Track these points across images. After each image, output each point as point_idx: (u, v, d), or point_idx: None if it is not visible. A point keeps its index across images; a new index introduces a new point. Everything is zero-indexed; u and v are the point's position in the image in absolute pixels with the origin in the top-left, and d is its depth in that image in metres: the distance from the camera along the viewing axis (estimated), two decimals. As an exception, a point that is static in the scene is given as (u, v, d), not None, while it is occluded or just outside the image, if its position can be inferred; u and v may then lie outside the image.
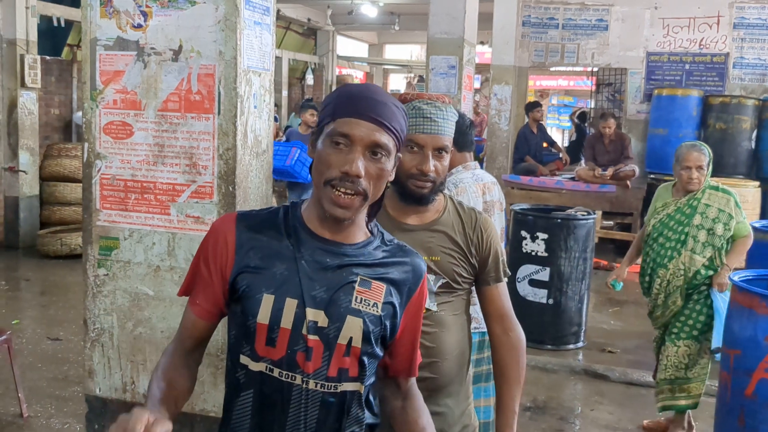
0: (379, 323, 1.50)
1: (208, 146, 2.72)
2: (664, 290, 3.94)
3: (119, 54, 2.78)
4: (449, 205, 2.04)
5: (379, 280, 1.51)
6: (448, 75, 6.70)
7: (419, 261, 1.60)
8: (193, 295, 1.57)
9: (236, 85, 2.67)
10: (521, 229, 5.45)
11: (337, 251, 1.49)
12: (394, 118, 1.47)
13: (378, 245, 1.55)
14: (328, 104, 1.50)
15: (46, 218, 8.47)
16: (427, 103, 1.95)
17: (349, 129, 1.43)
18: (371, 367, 1.53)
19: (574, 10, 9.97)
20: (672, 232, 3.91)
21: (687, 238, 3.85)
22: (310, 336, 1.44)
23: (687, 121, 9.03)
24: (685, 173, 3.87)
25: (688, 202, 3.91)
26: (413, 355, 1.63)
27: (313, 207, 1.52)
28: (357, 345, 1.47)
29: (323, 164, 1.45)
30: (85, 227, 2.91)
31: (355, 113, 1.44)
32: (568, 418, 4.43)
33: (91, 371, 2.96)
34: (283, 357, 1.45)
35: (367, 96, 1.47)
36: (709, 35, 9.49)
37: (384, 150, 1.45)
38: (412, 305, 1.57)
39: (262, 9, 2.83)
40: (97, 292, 2.91)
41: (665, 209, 3.98)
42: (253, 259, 1.48)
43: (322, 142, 1.47)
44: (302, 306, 1.44)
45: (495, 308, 2.05)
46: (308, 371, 1.44)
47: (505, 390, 2.04)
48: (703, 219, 3.84)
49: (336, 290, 1.46)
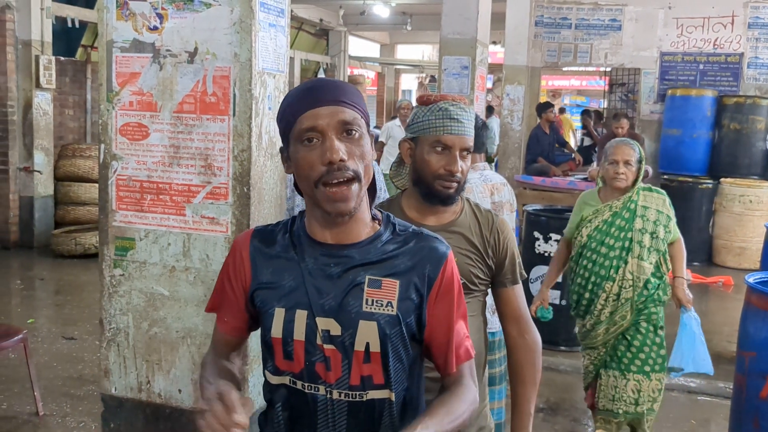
0: (398, 323, 1.41)
1: (223, 147, 2.73)
2: (611, 305, 3.46)
3: (135, 56, 2.79)
4: (466, 206, 2.06)
5: (391, 276, 1.42)
6: (461, 75, 6.70)
7: (437, 244, 1.48)
8: (220, 312, 1.58)
9: (251, 86, 2.69)
10: (534, 230, 5.44)
11: (340, 254, 1.44)
12: (351, 94, 1.41)
13: (388, 237, 1.47)
14: (282, 112, 1.45)
15: (61, 218, 8.53)
16: (452, 105, 1.96)
17: (312, 120, 1.37)
18: (400, 373, 1.44)
19: (587, 10, 9.94)
20: (614, 239, 3.45)
21: (632, 245, 3.41)
22: (326, 345, 1.41)
23: (701, 122, 8.99)
24: (612, 168, 3.45)
25: (624, 205, 3.47)
26: (448, 348, 1.48)
27: (310, 214, 1.47)
28: (376, 350, 1.40)
29: (304, 167, 1.39)
30: (101, 228, 2.93)
31: (311, 104, 1.38)
32: (581, 419, 4.42)
33: (107, 371, 2.98)
34: (303, 369, 1.43)
35: (315, 85, 1.42)
36: (723, 35, 9.44)
37: (355, 125, 1.39)
38: (436, 294, 1.45)
39: (277, 11, 2.84)
40: (113, 292, 2.93)
41: (598, 216, 3.50)
42: (265, 275, 1.48)
43: (293, 148, 1.41)
44: (312, 316, 1.41)
45: (511, 310, 2.06)
46: (330, 381, 1.41)
47: (520, 392, 2.04)
48: (645, 222, 3.43)
49: (344, 295, 1.41)
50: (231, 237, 2.75)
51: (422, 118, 1.98)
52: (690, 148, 9.02)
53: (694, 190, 8.66)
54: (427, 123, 1.96)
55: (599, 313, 3.49)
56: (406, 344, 1.43)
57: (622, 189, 3.49)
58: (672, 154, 9.05)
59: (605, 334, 3.50)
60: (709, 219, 8.64)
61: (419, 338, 1.46)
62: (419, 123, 1.99)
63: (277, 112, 1.48)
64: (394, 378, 1.43)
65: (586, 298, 3.53)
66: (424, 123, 1.97)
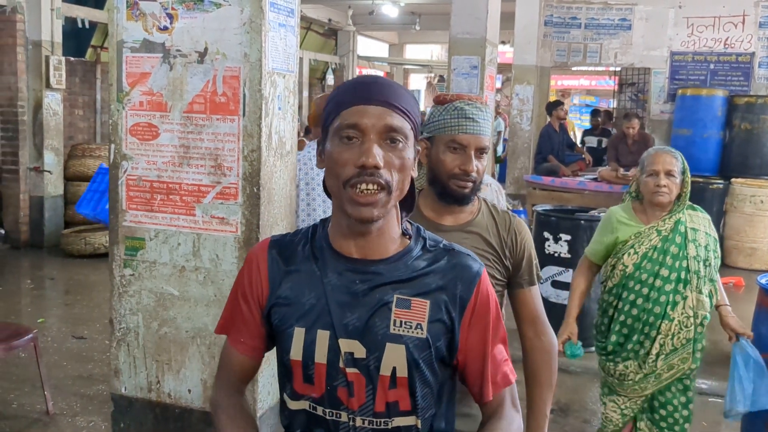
0: (427, 346, 1.31)
1: (233, 148, 2.73)
2: (669, 349, 2.90)
3: (145, 56, 2.80)
4: (483, 207, 2.05)
5: (421, 296, 1.32)
6: (470, 75, 6.69)
7: (470, 262, 1.38)
8: (234, 332, 1.45)
9: (261, 86, 2.68)
10: (544, 230, 5.42)
11: (367, 270, 1.33)
12: (405, 99, 1.31)
13: (418, 253, 1.36)
14: (330, 101, 1.35)
15: (71, 218, 8.56)
16: (468, 104, 1.96)
17: (357, 118, 1.27)
18: (427, 398, 1.34)
19: (597, 10, 9.90)
20: (668, 270, 2.87)
21: (689, 275, 2.87)
22: (349, 369, 1.30)
23: (711, 122, 8.94)
24: (651, 180, 2.91)
25: (675, 228, 2.91)
26: (483, 376, 1.38)
27: (335, 222, 1.36)
28: (403, 375, 1.30)
29: (336, 165, 1.28)
30: (112, 227, 2.93)
31: (361, 99, 1.28)
32: (592, 420, 4.40)
33: (117, 370, 2.98)
34: (324, 394, 1.32)
35: (372, 81, 1.32)
36: (734, 34, 9.38)
37: (401, 134, 1.28)
38: (470, 316, 1.35)
39: (287, 11, 2.83)
40: (123, 291, 2.93)
41: (643, 240, 2.92)
42: (284, 290, 1.36)
43: (330, 142, 1.30)
44: (334, 337, 1.30)
45: (528, 311, 2.05)
46: (353, 407, 1.31)
47: (536, 393, 2.04)
48: (697, 248, 2.90)
49: (370, 315, 1.30)
50: (241, 237, 2.75)
51: (438, 117, 1.97)
52: (700, 148, 8.97)
53: (705, 191, 8.61)
54: (442, 122, 1.96)
55: (654, 360, 2.91)
56: (435, 369, 1.34)
57: (664, 205, 2.94)
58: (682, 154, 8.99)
59: (656, 382, 2.96)
60: (720, 219, 8.59)
61: (449, 362, 1.36)
62: (435, 122, 1.98)
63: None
64: (422, 404, 1.33)
65: (635, 341, 2.93)
66: (440, 122, 1.96)
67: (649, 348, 2.89)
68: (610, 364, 3.02)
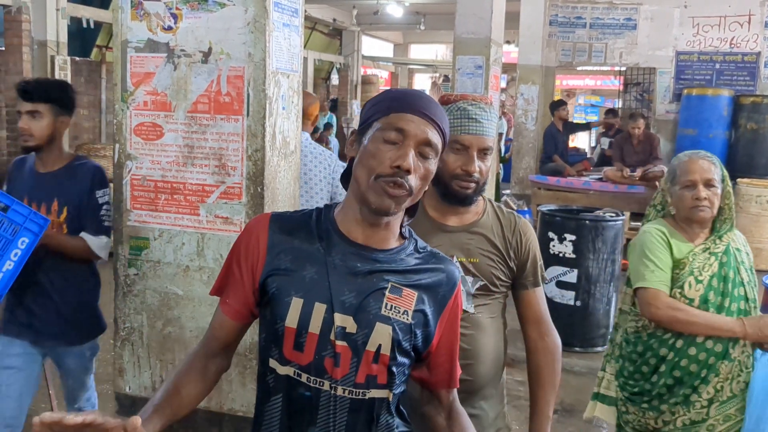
0: (409, 331, 1.47)
1: (237, 147, 2.73)
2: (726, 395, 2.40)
3: (150, 56, 2.80)
4: (488, 207, 2.04)
5: (411, 287, 1.47)
6: (475, 75, 6.68)
7: (453, 268, 1.56)
8: (224, 294, 1.56)
9: (265, 86, 2.68)
10: (549, 230, 5.41)
11: (368, 256, 1.46)
12: (442, 117, 1.47)
13: (411, 252, 1.52)
14: (379, 101, 1.48)
15: (76, 217, 8.57)
16: (471, 104, 1.95)
17: (404, 124, 1.42)
18: (400, 376, 1.50)
19: (602, 9, 9.88)
20: (730, 299, 2.39)
21: (747, 304, 2.42)
22: (338, 342, 1.42)
23: (717, 122, 8.92)
24: (688, 193, 2.42)
25: (727, 250, 2.44)
26: (452, 365, 1.58)
27: (348, 209, 1.49)
28: (386, 353, 1.44)
29: (373, 159, 1.41)
30: (116, 227, 2.94)
31: (410, 109, 1.43)
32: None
33: (121, 369, 2.99)
34: (311, 362, 1.43)
35: (420, 95, 1.48)
36: (740, 34, 9.35)
37: (433, 150, 1.44)
38: (447, 314, 1.53)
39: (291, 11, 2.83)
40: (128, 291, 2.94)
41: (701, 266, 2.40)
42: (283, 262, 1.46)
43: (371, 138, 1.44)
44: (330, 311, 1.42)
45: (532, 312, 2.05)
46: (336, 377, 1.42)
47: (540, 394, 2.03)
48: (747, 272, 2.45)
49: (366, 296, 1.44)
50: (245, 237, 2.75)
51: None
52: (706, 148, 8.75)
53: (710, 191, 8.58)
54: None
55: (707, 407, 2.40)
56: (410, 353, 1.49)
57: (706, 221, 2.46)
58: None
59: None
60: (726, 219, 8.56)
61: (422, 350, 1.51)
62: None
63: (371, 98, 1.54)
64: (396, 381, 1.48)
65: (689, 385, 2.40)
66: None
67: (701, 394, 2.40)
68: (651, 411, 2.48)
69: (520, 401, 4.19)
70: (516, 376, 4.37)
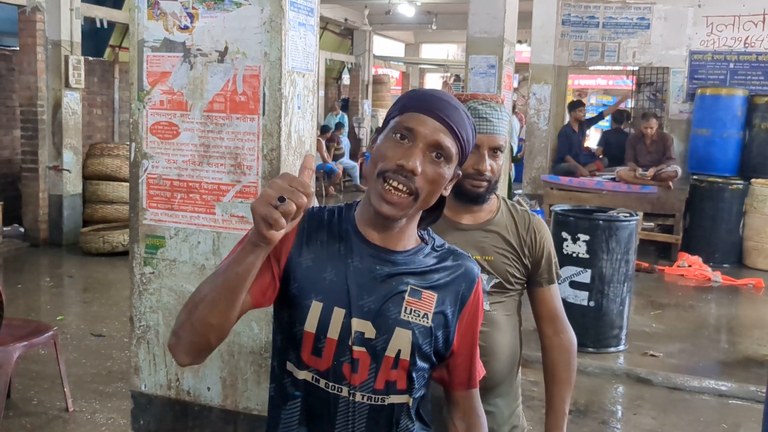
0: (430, 335, 1.43)
1: (252, 146, 2.73)
2: None
3: (166, 55, 2.81)
4: (502, 205, 2.05)
5: (430, 289, 1.44)
6: (488, 74, 6.66)
7: (472, 265, 1.52)
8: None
9: (281, 86, 2.68)
10: (562, 230, 5.40)
11: (386, 258, 1.43)
12: (462, 124, 1.42)
13: (429, 252, 1.49)
14: (399, 100, 1.46)
15: (89, 216, 8.62)
16: (482, 103, 1.96)
17: (414, 123, 1.38)
18: (420, 380, 1.46)
19: (615, 9, 9.84)
20: None
21: None
22: (356, 347, 1.39)
23: (731, 121, 8.86)
24: None
25: None
26: (472, 365, 1.54)
27: (364, 208, 1.45)
28: (405, 358, 1.41)
29: (380, 156, 1.39)
30: (132, 226, 2.95)
31: (424, 109, 1.39)
32: (610, 422, 4.38)
33: (137, 368, 2.99)
34: (329, 368, 1.41)
35: (440, 97, 1.43)
36: (754, 33, 9.29)
37: (445, 153, 1.39)
38: (467, 313, 1.49)
39: (307, 10, 2.84)
40: (143, 289, 2.95)
41: None
42: (305, 258, 1.43)
43: (384, 135, 1.42)
44: (349, 316, 1.39)
45: (547, 310, 2.06)
46: (354, 383, 1.40)
47: (555, 391, 2.04)
48: None
49: (385, 300, 1.41)
50: (260, 236, 2.75)
51: None
52: (720, 148, 8.89)
53: (724, 191, 8.54)
54: None
55: None
56: (431, 356, 1.46)
57: None
58: (701, 155, 8.92)
59: None
60: (740, 220, 8.51)
61: (443, 353, 1.48)
62: None
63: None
64: (416, 386, 1.45)
65: None
66: None
67: None
68: None
69: (534, 402, 4.18)
70: (529, 376, 4.36)
